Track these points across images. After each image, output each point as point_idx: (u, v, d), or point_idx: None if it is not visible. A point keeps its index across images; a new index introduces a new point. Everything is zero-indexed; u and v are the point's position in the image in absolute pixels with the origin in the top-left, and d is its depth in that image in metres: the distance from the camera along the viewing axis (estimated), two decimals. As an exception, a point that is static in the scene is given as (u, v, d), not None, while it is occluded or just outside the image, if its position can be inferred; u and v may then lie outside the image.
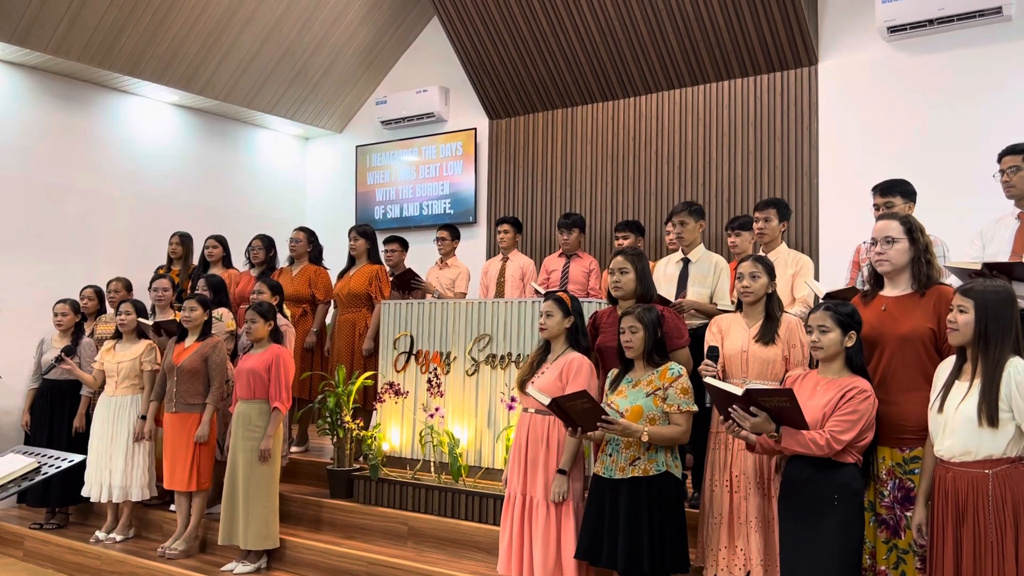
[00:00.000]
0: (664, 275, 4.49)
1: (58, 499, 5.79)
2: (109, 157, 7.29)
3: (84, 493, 5.38)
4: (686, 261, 4.46)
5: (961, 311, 2.68)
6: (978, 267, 3.28)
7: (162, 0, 6.65)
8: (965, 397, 2.63)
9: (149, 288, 6.05)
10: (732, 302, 3.99)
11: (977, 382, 2.62)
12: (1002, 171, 3.69)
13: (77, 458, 3.19)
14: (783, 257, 4.43)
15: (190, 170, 7.92)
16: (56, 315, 5.92)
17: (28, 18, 6.21)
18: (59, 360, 5.59)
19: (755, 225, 4.61)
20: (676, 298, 4.28)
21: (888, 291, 3.14)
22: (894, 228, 3.07)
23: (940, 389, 2.74)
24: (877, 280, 3.17)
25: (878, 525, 3.01)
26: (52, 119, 6.92)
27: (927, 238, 3.09)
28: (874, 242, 3.13)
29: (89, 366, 5.68)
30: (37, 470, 3.10)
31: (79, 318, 6.02)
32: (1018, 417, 2.55)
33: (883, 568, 2.99)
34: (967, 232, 3.94)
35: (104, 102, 7.28)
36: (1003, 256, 3.62)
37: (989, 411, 2.56)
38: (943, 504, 2.67)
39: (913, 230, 3.06)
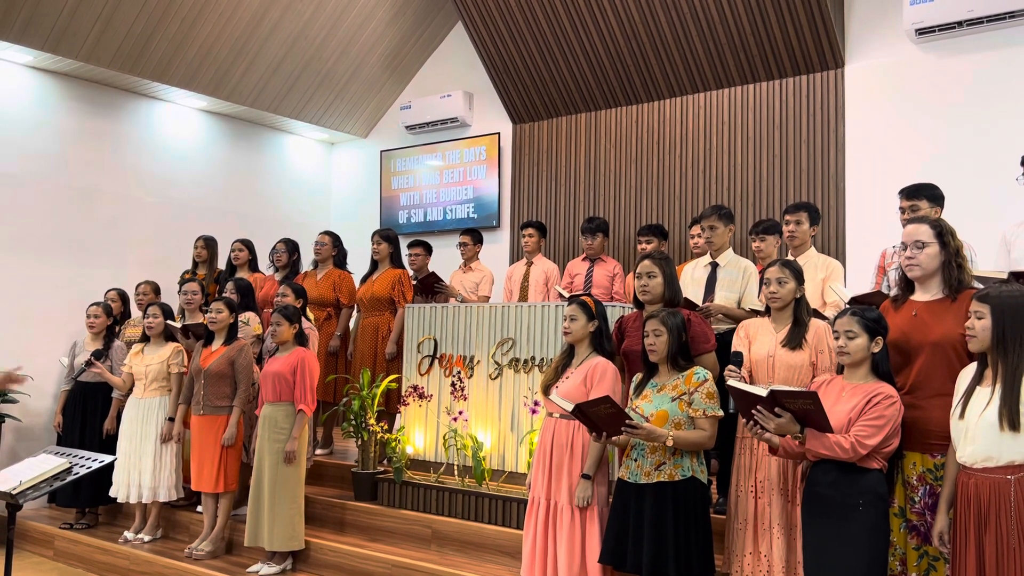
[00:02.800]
0: (692, 279, 4.47)
1: (88, 499, 5.86)
2: (138, 162, 7.40)
3: (112, 494, 5.45)
4: (714, 265, 4.43)
5: (978, 317, 2.67)
6: (1004, 276, 3.23)
7: (190, 8, 6.75)
8: (987, 403, 2.61)
9: (178, 292, 6.12)
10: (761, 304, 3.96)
11: (998, 387, 2.60)
12: None
13: (107, 459, 3.24)
14: (813, 261, 4.40)
15: (217, 175, 8.02)
16: (89, 317, 5.97)
17: (60, 26, 6.32)
18: (89, 364, 5.67)
19: (785, 228, 4.56)
20: (704, 302, 4.26)
21: (919, 296, 3.09)
22: (924, 232, 3.03)
23: (961, 395, 2.72)
24: (908, 285, 3.13)
25: (908, 531, 2.98)
26: (83, 125, 7.04)
27: (958, 242, 3.04)
28: (904, 246, 3.09)
29: (120, 369, 5.76)
30: (68, 470, 3.16)
31: (111, 321, 6.09)
32: None
33: (913, 574, 2.95)
34: (995, 237, 3.89)
35: (133, 108, 7.39)
36: None
37: (1010, 416, 2.54)
38: (965, 510, 2.66)
39: (944, 234, 3.02)
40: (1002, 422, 2.55)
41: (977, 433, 2.61)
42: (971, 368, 2.76)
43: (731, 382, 3.07)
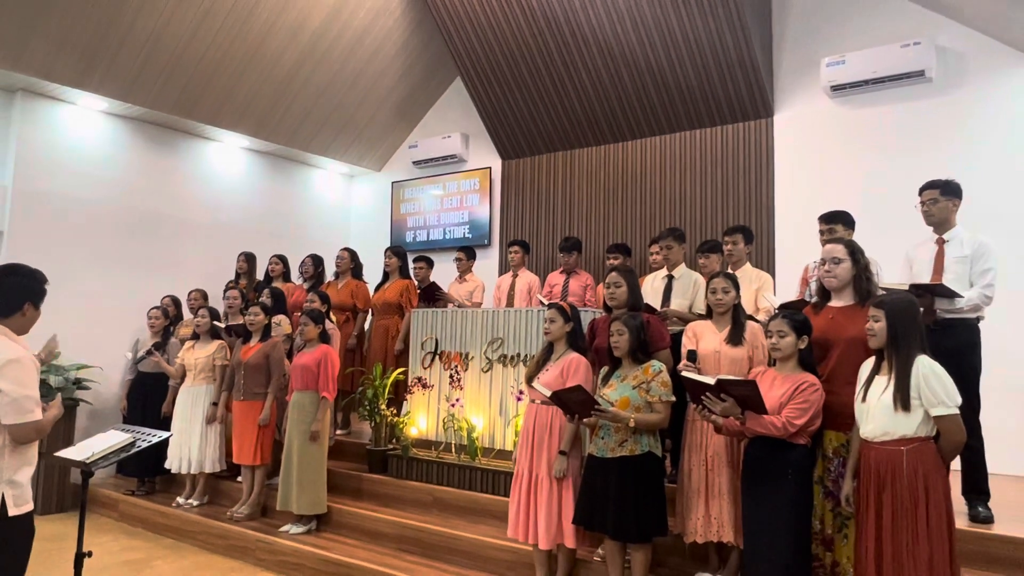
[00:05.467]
0: (651, 288, 4.46)
1: (147, 470, 5.79)
2: (191, 192, 7.34)
3: (167, 465, 5.38)
4: (670, 278, 4.43)
5: (875, 320, 2.71)
6: (906, 287, 3.27)
7: (238, 64, 6.71)
8: (885, 389, 2.64)
9: (223, 298, 6.06)
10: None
11: (893, 376, 2.64)
12: (922, 202, 3.69)
13: (164, 434, 3.20)
14: (748, 274, 4.40)
15: (257, 201, 7.95)
16: (149, 318, 5.99)
17: (131, 77, 6.29)
18: (149, 354, 5.63)
19: (725, 247, 4.57)
20: (661, 307, 4.25)
21: (835, 302, 3.13)
22: (840, 250, 3.09)
23: (863, 384, 2.75)
24: (825, 293, 3.17)
25: (826, 496, 2.98)
26: (147, 161, 6.97)
27: (867, 259, 3.09)
28: (823, 262, 3.12)
29: (174, 361, 5.69)
30: (132, 444, 3.11)
31: (167, 322, 6.05)
32: (925, 403, 2.57)
33: (830, 532, 2.97)
34: (896, 254, 3.91)
35: (189, 147, 7.33)
36: (925, 276, 3.60)
37: (903, 399, 2.58)
38: (867, 476, 2.69)
39: (855, 252, 3.08)
40: (896, 404, 2.59)
41: (876, 413, 2.65)
42: (870, 361, 2.79)
43: (685, 373, 3.07)
